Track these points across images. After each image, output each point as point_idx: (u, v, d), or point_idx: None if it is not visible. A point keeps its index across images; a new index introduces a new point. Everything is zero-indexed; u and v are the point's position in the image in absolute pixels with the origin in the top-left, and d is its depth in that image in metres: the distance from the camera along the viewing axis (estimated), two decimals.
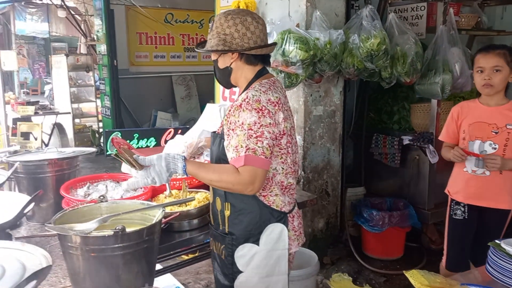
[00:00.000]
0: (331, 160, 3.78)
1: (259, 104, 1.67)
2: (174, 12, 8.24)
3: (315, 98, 3.59)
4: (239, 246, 1.78)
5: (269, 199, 1.78)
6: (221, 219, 1.83)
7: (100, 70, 7.70)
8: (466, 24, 3.94)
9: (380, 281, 3.42)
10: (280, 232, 1.78)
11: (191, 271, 3.52)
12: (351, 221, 3.91)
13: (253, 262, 1.78)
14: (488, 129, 2.38)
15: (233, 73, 1.82)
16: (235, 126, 1.67)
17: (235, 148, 1.65)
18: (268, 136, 1.66)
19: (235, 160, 1.64)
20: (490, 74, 2.30)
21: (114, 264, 1.46)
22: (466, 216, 2.53)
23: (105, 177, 2.29)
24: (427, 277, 1.45)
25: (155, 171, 1.64)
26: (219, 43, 1.73)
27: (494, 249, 1.62)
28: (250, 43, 1.74)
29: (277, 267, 1.81)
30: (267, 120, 1.66)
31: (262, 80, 1.79)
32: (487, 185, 2.43)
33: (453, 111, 2.56)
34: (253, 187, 1.65)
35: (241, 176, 1.63)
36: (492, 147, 2.37)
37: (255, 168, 1.63)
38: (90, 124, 8.39)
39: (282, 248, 1.80)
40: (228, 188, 1.70)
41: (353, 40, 3.19)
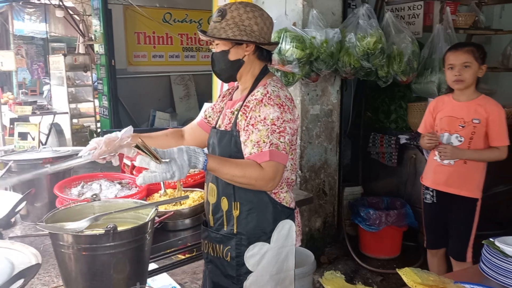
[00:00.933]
0: (328, 159, 3.78)
1: (279, 99, 1.66)
2: (172, 11, 8.23)
3: (312, 97, 3.59)
4: (249, 246, 1.74)
5: (280, 196, 1.77)
6: (226, 219, 1.78)
7: (98, 70, 7.69)
8: (464, 23, 3.93)
9: (377, 280, 3.42)
10: (289, 229, 1.79)
11: (187, 271, 3.51)
12: (348, 220, 3.90)
13: (264, 260, 1.75)
14: (456, 122, 2.55)
15: (244, 66, 1.76)
16: (255, 121, 1.64)
17: (257, 143, 1.62)
18: (289, 131, 1.66)
19: (258, 155, 1.61)
20: (460, 70, 2.45)
21: (106, 263, 1.45)
22: (435, 200, 2.75)
23: (100, 176, 2.29)
24: (420, 275, 1.44)
25: (177, 164, 1.49)
26: (240, 33, 1.67)
27: (488, 247, 1.62)
28: (266, 38, 1.72)
29: (285, 263, 1.81)
30: (288, 116, 1.66)
31: (273, 77, 1.79)
32: (452, 173, 2.61)
33: (430, 105, 2.74)
34: (274, 182, 1.63)
35: (265, 172, 1.60)
36: (458, 139, 2.56)
37: (278, 163, 1.62)
38: (88, 124, 8.39)
39: (291, 244, 1.81)
40: (249, 184, 1.63)
41: (350, 39, 3.19)
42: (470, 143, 2.53)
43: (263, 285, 1.77)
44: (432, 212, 2.83)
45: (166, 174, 1.48)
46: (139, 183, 1.51)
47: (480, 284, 1.46)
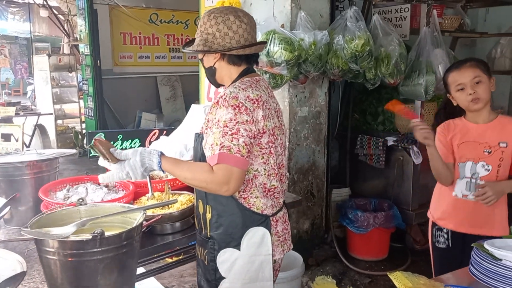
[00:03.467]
0: (316, 161, 3.78)
1: (236, 100, 1.61)
2: (158, 12, 8.18)
3: (300, 99, 3.58)
4: (220, 251, 1.73)
5: (250, 201, 1.71)
6: (203, 222, 1.79)
7: (83, 70, 7.60)
8: (450, 26, 3.97)
9: (365, 282, 3.42)
10: (262, 236, 1.72)
11: (175, 274, 3.47)
12: (336, 222, 3.90)
13: (235, 267, 1.72)
14: (480, 148, 2.12)
15: (217, 72, 1.78)
16: (211, 124, 1.64)
17: (211, 146, 1.61)
18: (244, 133, 1.59)
19: (211, 159, 1.60)
20: (473, 87, 2.09)
21: (93, 269, 1.42)
22: (450, 244, 2.26)
23: (86, 179, 2.25)
24: (411, 279, 1.44)
25: (129, 165, 1.61)
26: (200, 43, 1.71)
27: (478, 250, 1.62)
28: (232, 43, 1.69)
29: (261, 273, 1.74)
30: (243, 117, 1.59)
31: (244, 78, 1.74)
32: (477, 211, 2.14)
33: (439, 130, 2.26)
34: (228, 187, 1.57)
35: (215, 175, 1.57)
36: (485, 168, 2.12)
37: (229, 166, 1.56)
38: (73, 125, 8.27)
39: (266, 254, 1.73)
40: (202, 187, 1.64)
41: (338, 41, 3.19)
42: (498, 171, 2.11)
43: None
44: (448, 258, 2.33)
45: (121, 174, 1.62)
46: (100, 181, 1.70)
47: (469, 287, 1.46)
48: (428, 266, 3.66)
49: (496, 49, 4.58)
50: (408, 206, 3.75)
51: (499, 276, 1.50)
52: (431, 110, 3.71)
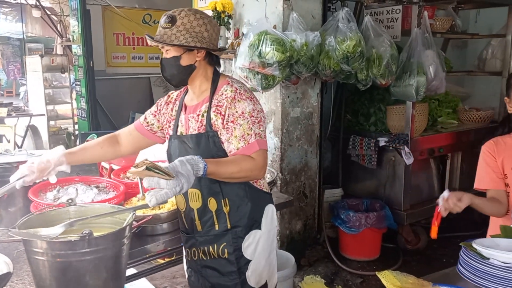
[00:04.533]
0: (308, 162, 3.78)
1: (248, 93, 1.78)
2: (152, 13, 8.15)
3: (292, 100, 3.59)
4: (245, 237, 1.81)
5: (260, 183, 1.88)
6: (217, 219, 1.81)
7: (76, 71, 7.55)
8: (441, 27, 4.00)
9: (356, 282, 3.44)
10: (272, 212, 1.91)
11: (167, 275, 3.47)
12: (329, 222, 3.92)
13: (259, 246, 1.84)
14: None
15: (195, 71, 1.80)
16: (234, 117, 1.72)
17: (242, 137, 1.70)
18: (263, 120, 1.77)
19: (246, 148, 1.70)
20: None
21: (82, 270, 1.42)
22: None
23: (76, 180, 2.24)
24: (399, 277, 1.45)
25: (184, 176, 1.49)
26: (193, 39, 1.71)
27: (466, 249, 1.63)
28: (215, 44, 1.80)
29: (272, 244, 1.93)
30: (259, 107, 1.77)
31: (228, 76, 1.88)
32: None
33: (485, 150, 1.96)
34: (264, 169, 1.75)
35: (257, 161, 1.70)
36: None
37: (264, 150, 1.73)
38: (66, 126, 8.22)
39: (274, 226, 1.93)
40: (246, 177, 1.73)
41: (330, 42, 3.20)
42: None
43: (262, 270, 1.86)
44: None
45: (176, 189, 1.47)
46: (152, 204, 1.47)
47: (457, 286, 1.47)
48: (419, 265, 3.71)
49: (487, 50, 4.62)
50: (400, 207, 3.77)
51: (487, 275, 1.51)
52: (422, 111, 3.73)
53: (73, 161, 1.96)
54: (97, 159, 2.15)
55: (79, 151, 2.02)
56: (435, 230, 1.88)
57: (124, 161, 3.62)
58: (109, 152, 2.04)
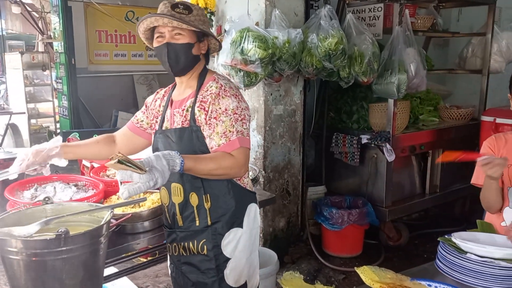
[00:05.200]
0: (291, 160, 3.79)
1: (233, 90, 1.77)
2: (135, 9, 8.07)
3: (275, 97, 3.59)
4: (225, 234, 1.80)
5: (244, 181, 1.86)
6: (198, 214, 1.80)
7: (57, 68, 7.44)
8: (422, 26, 4.04)
9: (339, 278, 3.45)
10: (255, 211, 1.90)
11: (149, 274, 3.44)
12: (312, 219, 3.93)
13: (239, 245, 1.83)
14: None
15: (199, 62, 1.84)
16: (217, 114, 1.72)
17: (223, 134, 1.70)
18: (247, 118, 1.77)
19: (227, 145, 1.69)
20: None
21: (58, 269, 1.39)
22: None
23: (54, 178, 2.20)
24: (377, 273, 1.46)
25: (158, 171, 1.50)
26: (208, 30, 1.80)
27: (444, 244, 1.65)
28: None
29: (254, 244, 1.91)
30: (243, 104, 1.77)
31: (215, 72, 1.89)
32: None
33: (486, 145, 1.95)
34: (245, 167, 1.74)
35: (237, 159, 1.69)
36: None
37: (246, 148, 1.73)
38: (47, 124, 8.10)
39: (257, 226, 1.92)
40: (225, 174, 1.71)
41: (312, 39, 3.21)
42: None
43: (241, 269, 1.84)
44: None
45: (149, 183, 1.49)
46: (125, 197, 1.49)
47: (435, 281, 1.49)
48: (401, 261, 3.75)
49: (468, 48, 4.67)
50: (382, 203, 3.80)
51: (463, 269, 1.53)
52: (404, 109, 3.77)
53: (68, 154, 1.95)
54: (91, 156, 2.10)
55: (76, 145, 2.04)
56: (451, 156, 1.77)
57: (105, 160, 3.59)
58: (104, 150, 2.02)
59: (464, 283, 1.52)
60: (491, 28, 4.38)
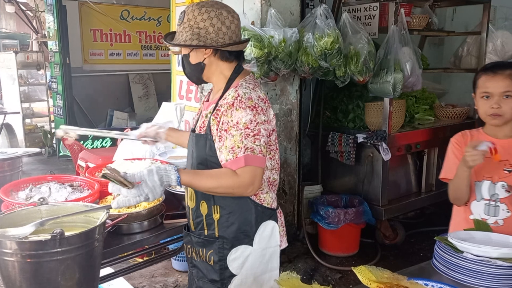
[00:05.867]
0: (288, 159, 3.79)
1: (251, 101, 1.62)
2: (130, 8, 8.05)
3: (271, 97, 3.58)
4: (232, 250, 1.72)
5: (260, 197, 1.73)
6: (207, 223, 1.75)
7: (52, 68, 7.41)
8: (417, 25, 4.04)
9: (336, 277, 3.45)
10: (272, 229, 1.76)
11: (146, 274, 3.43)
12: (308, 219, 3.93)
13: (247, 263, 1.73)
14: (500, 166, 1.87)
15: (206, 69, 1.73)
16: (228, 126, 1.61)
17: (231, 149, 1.59)
18: (264, 133, 1.61)
19: (233, 162, 1.58)
20: (499, 101, 1.84)
21: (53, 270, 1.39)
22: None
23: (49, 178, 2.19)
24: (375, 272, 1.46)
25: (148, 187, 1.50)
26: (192, 37, 1.64)
27: (440, 243, 1.65)
28: (225, 38, 1.66)
29: (270, 264, 1.78)
30: (262, 118, 1.61)
31: (245, 76, 1.73)
32: None
33: (453, 142, 2.06)
34: (253, 187, 1.60)
35: (241, 178, 1.57)
36: (505, 189, 1.87)
37: (254, 167, 1.58)
38: (42, 124, 8.06)
39: (275, 245, 1.78)
40: (227, 193, 1.63)
41: (308, 38, 3.20)
42: None
43: (248, 287, 1.75)
44: None
45: (139, 198, 1.50)
46: (114, 207, 1.52)
47: (432, 280, 1.49)
48: (397, 260, 3.75)
49: (463, 47, 4.68)
50: (378, 202, 3.80)
51: (460, 268, 1.53)
52: (399, 108, 3.77)
53: (171, 138, 2.12)
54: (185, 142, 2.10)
55: (180, 132, 2.19)
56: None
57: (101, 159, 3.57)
58: None
59: (461, 282, 1.52)
60: (486, 27, 4.39)
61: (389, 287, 1.33)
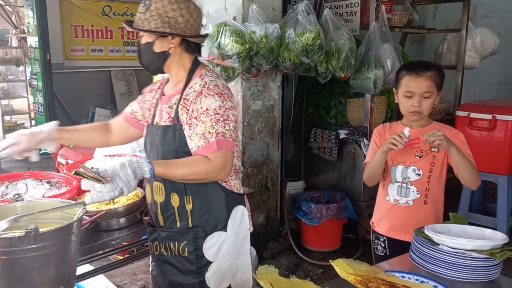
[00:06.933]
0: (270, 155, 3.79)
1: (218, 88, 1.67)
2: (112, 4, 7.95)
3: (253, 93, 3.58)
4: (207, 238, 1.75)
5: (230, 183, 1.78)
6: (179, 216, 1.75)
7: (32, 64, 7.28)
8: (399, 22, 4.08)
9: (317, 272, 3.48)
10: (242, 214, 1.82)
11: (127, 272, 3.40)
12: (291, 215, 3.94)
13: (222, 249, 1.77)
14: (412, 152, 2.09)
15: (170, 58, 1.73)
16: (198, 113, 1.64)
17: (202, 135, 1.62)
18: (232, 118, 1.67)
19: (205, 148, 1.62)
20: (420, 101, 2.02)
21: (28, 268, 1.36)
22: (388, 252, 2.23)
23: (26, 175, 2.15)
24: (352, 265, 1.47)
25: (122, 180, 1.50)
26: (163, 25, 1.65)
27: (417, 236, 1.68)
28: (192, 30, 1.71)
29: (242, 248, 1.84)
30: (229, 104, 1.67)
31: (206, 67, 1.78)
32: (410, 217, 2.10)
33: (375, 132, 2.25)
34: (226, 171, 1.64)
35: (213, 163, 1.61)
36: (416, 173, 2.09)
37: (225, 151, 1.63)
38: (22, 121, 7.94)
39: (245, 229, 1.84)
40: (201, 179, 1.65)
41: (289, 34, 3.21)
42: (429, 177, 2.08)
43: (224, 273, 1.79)
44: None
45: (113, 192, 1.50)
46: (88, 202, 1.50)
47: (409, 273, 1.51)
48: None
49: (443, 44, 4.75)
50: (360, 198, 3.84)
51: (436, 260, 1.56)
52: (381, 104, 3.80)
53: (63, 138, 1.92)
54: (86, 143, 2.04)
55: (72, 130, 1.98)
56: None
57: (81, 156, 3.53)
58: (99, 139, 1.99)
59: (437, 274, 1.54)
60: (465, 24, 4.45)
61: (366, 279, 1.34)
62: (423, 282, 1.43)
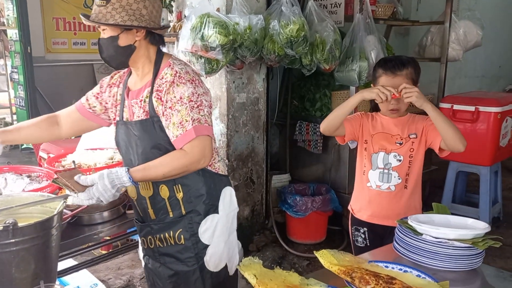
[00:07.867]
0: (255, 148, 3.78)
1: (189, 75, 1.68)
2: None
3: (238, 85, 3.56)
4: (201, 222, 1.77)
5: (215, 166, 1.82)
6: (170, 206, 1.76)
7: (12, 57, 7.13)
8: (383, 14, 4.08)
9: (303, 264, 3.49)
10: (230, 194, 1.87)
11: (111, 267, 3.37)
12: (276, 207, 3.95)
13: (217, 230, 1.80)
14: (392, 140, 2.16)
15: (136, 52, 1.71)
16: (172, 103, 1.64)
17: (180, 124, 1.62)
18: (206, 104, 1.68)
19: (184, 136, 1.62)
20: (398, 99, 2.06)
21: (6, 262, 1.33)
22: (368, 243, 2.27)
23: (5, 169, 2.11)
24: (336, 256, 1.47)
25: (99, 191, 1.55)
26: (130, 18, 1.62)
27: (401, 227, 1.68)
28: (156, 22, 1.69)
29: (231, 226, 1.90)
30: (200, 90, 1.68)
31: (172, 56, 1.78)
32: (392, 202, 2.15)
33: (359, 112, 2.30)
34: (205, 158, 1.65)
35: (191, 155, 1.62)
36: (397, 159, 2.14)
37: (204, 137, 1.64)
38: (3, 116, 7.79)
39: (234, 209, 1.90)
40: (183, 172, 1.66)
41: (273, 26, 3.18)
42: (410, 162, 2.13)
43: (221, 253, 1.83)
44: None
45: (90, 201, 1.56)
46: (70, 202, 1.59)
47: (393, 262, 1.51)
48: None
49: (427, 37, 4.77)
50: (345, 190, 3.85)
51: (419, 250, 1.56)
52: None
53: (6, 140, 1.87)
54: (33, 139, 2.03)
55: (14, 130, 1.93)
56: None
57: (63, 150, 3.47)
58: (46, 134, 1.96)
59: (421, 264, 1.55)
60: (449, 17, 4.47)
61: (350, 269, 1.34)
62: (406, 271, 1.43)
